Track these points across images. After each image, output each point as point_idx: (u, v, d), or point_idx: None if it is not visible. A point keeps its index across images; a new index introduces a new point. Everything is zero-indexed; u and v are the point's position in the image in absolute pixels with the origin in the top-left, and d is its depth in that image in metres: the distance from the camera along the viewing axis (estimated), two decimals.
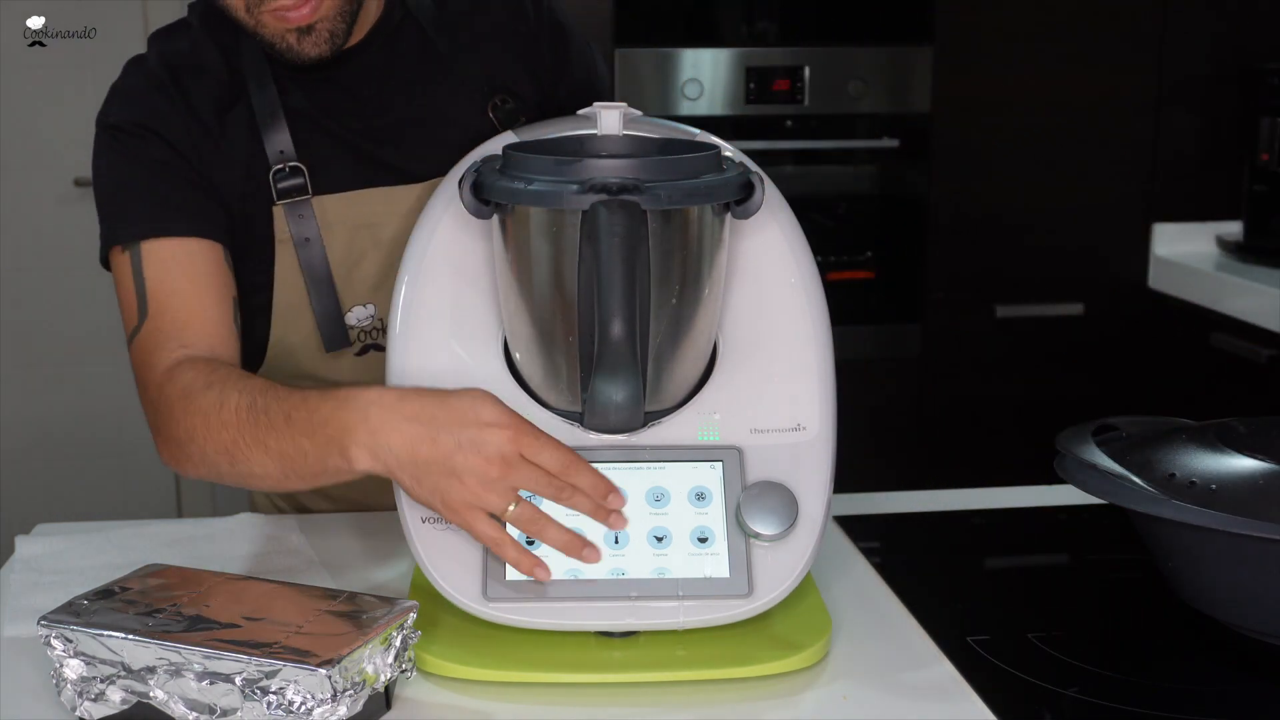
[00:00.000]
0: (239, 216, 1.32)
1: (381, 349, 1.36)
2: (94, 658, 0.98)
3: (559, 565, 1.06)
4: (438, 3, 1.40)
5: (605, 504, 1.06)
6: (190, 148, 1.31)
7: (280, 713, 0.94)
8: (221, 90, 1.32)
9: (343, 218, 1.33)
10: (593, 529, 1.07)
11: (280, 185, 1.31)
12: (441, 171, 1.23)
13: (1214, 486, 1.11)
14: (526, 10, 1.42)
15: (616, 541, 1.07)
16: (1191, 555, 1.16)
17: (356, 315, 1.36)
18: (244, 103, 1.32)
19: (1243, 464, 1.13)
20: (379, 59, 1.35)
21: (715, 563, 1.07)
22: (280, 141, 1.32)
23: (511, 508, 1.03)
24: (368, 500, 1.45)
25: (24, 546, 1.33)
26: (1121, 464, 1.16)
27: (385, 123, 1.35)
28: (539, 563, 1.05)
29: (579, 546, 1.05)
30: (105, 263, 1.36)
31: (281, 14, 1.23)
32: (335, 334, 1.35)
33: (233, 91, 1.32)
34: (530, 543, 1.06)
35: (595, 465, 1.09)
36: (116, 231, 1.33)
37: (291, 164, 1.31)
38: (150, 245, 1.29)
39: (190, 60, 1.34)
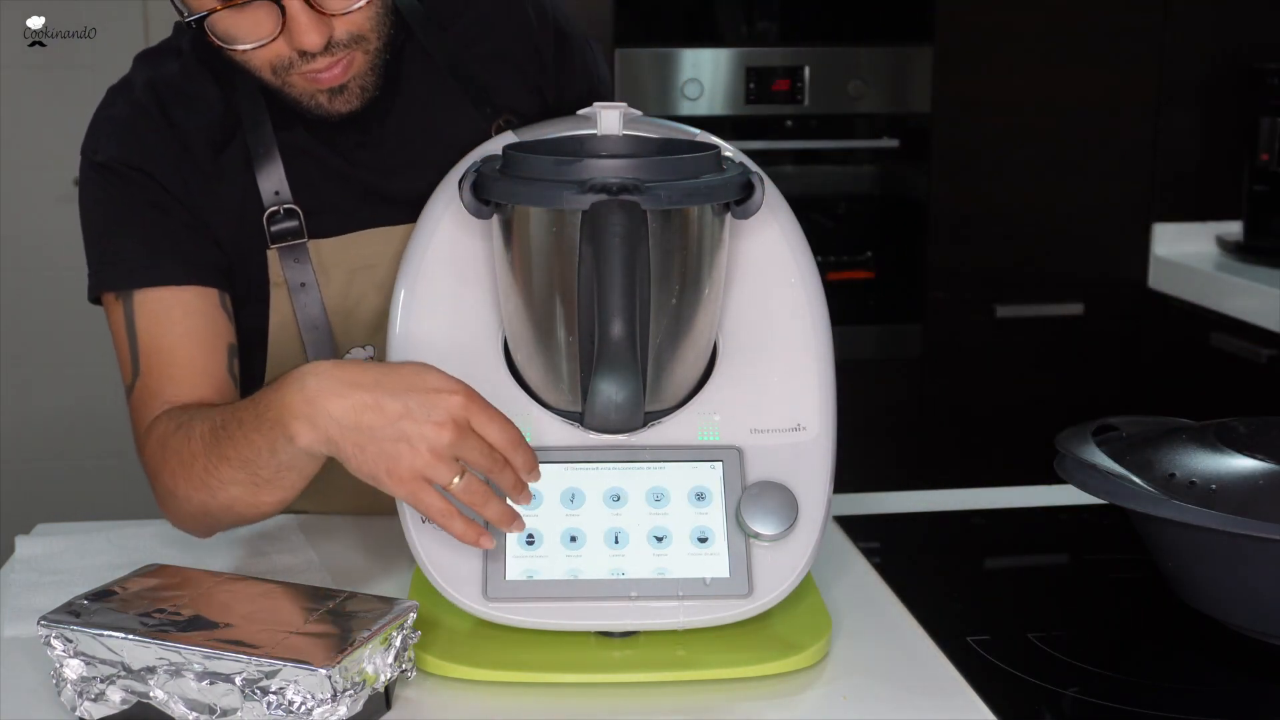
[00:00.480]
0: (233, 258, 1.27)
1: None
2: (94, 658, 0.98)
3: (559, 566, 1.06)
4: (441, 26, 1.35)
5: (523, 479, 1.05)
6: (182, 187, 1.25)
7: (280, 713, 0.94)
8: (214, 124, 1.26)
9: (340, 261, 1.29)
10: (592, 530, 1.07)
11: (274, 229, 1.26)
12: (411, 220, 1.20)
13: (1214, 486, 1.11)
14: (530, 24, 1.38)
15: (617, 541, 1.07)
16: (1191, 555, 1.16)
17: (355, 355, 1.32)
18: (238, 138, 1.27)
19: (1243, 464, 1.13)
20: (382, 88, 1.26)
21: (715, 563, 1.07)
22: (275, 181, 1.26)
23: (456, 480, 1.01)
24: (366, 505, 1.44)
25: (24, 546, 1.33)
26: (1121, 464, 1.16)
27: (387, 153, 1.31)
28: (484, 531, 1.04)
29: (510, 518, 1.05)
30: (96, 300, 1.31)
31: (313, 76, 1.18)
32: None
33: (226, 125, 1.27)
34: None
35: (595, 465, 1.09)
36: (106, 278, 1.27)
37: (286, 206, 1.26)
38: (142, 295, 1.24)
39: (181, 89, 1.27)
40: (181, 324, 1.24)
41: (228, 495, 1.11)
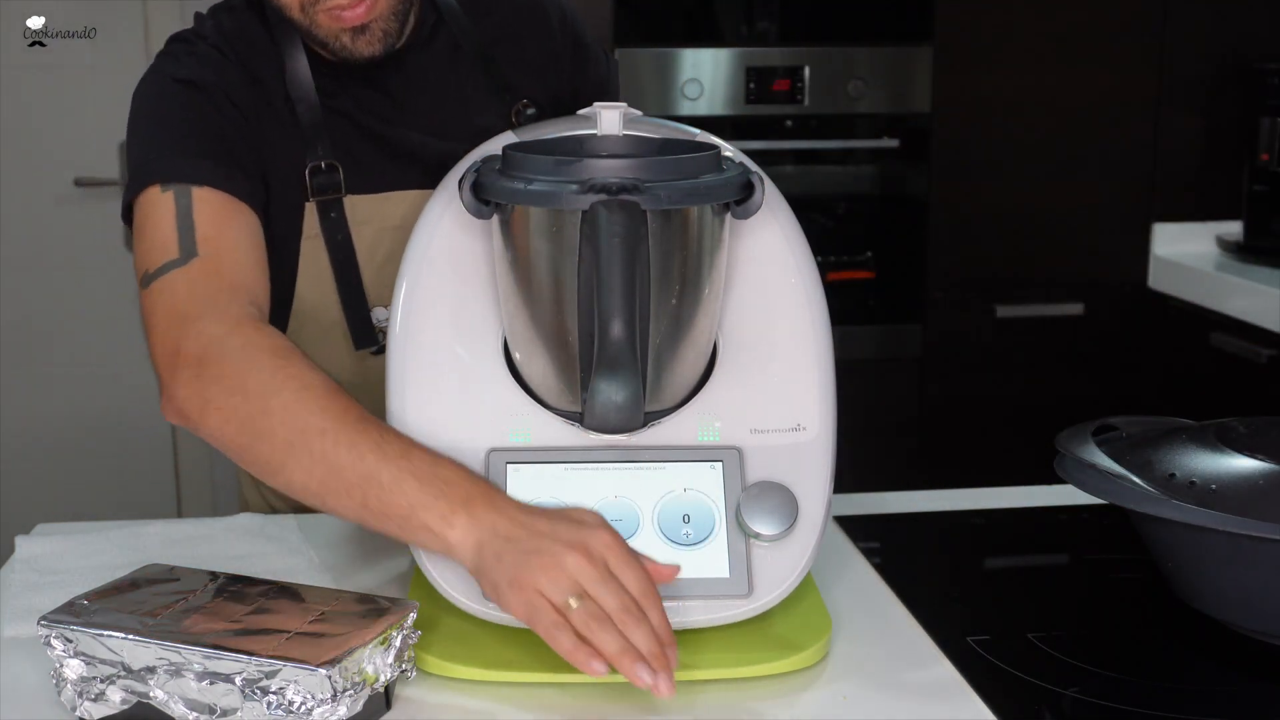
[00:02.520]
0: (272, 205, 1.30)
1: None
2: (94, 658, 0.98)
3: None
4: (468, 13, 1.41)
5: (661, 653, 0.96)
6: (253, 121, 1.30)
7: (280, 713, 0.94)
8: (273, 75, 1.33)
9: (372, 218, 1.35)
10: None
11: (315, 181, 1.32)
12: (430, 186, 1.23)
13: (1214, 486, 1.11)
14: (553, 31, 1.45)
15: None
16: (1191, 555, 1.16)
17: (379, 315, 1.37)
18: (286, 96, 1.33)
19: (1243, 464, 1.13)
20: (415, 63, 1.37)
21: (715, 563, 1.07)
22: (318, 138, 1.32)
23: (574, 600, 0.96)
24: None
25: (24, 546, 1.33)
26: (1121, 464, 1.16)
27: (419, 125, 1.37)
28: (596, 655, 0.96)
29: (632, 659, 0.95)
30: (128, 210, 1.26)
31: (336, 13, 1.25)
32: (364, 333, 1.36)
33: (279, 80, 1.33)
34: None
35: (595, 466, 1.09)
36: (169, 171, 1.22)
37: (328, 161, 1.32)
38: (208, 194, 1.21)
39: (243, 35, 1.34)
40: (245, 232, 1.23)
41: (293, 461, 1.05)
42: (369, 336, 1.36)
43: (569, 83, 1.46)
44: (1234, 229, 2.89)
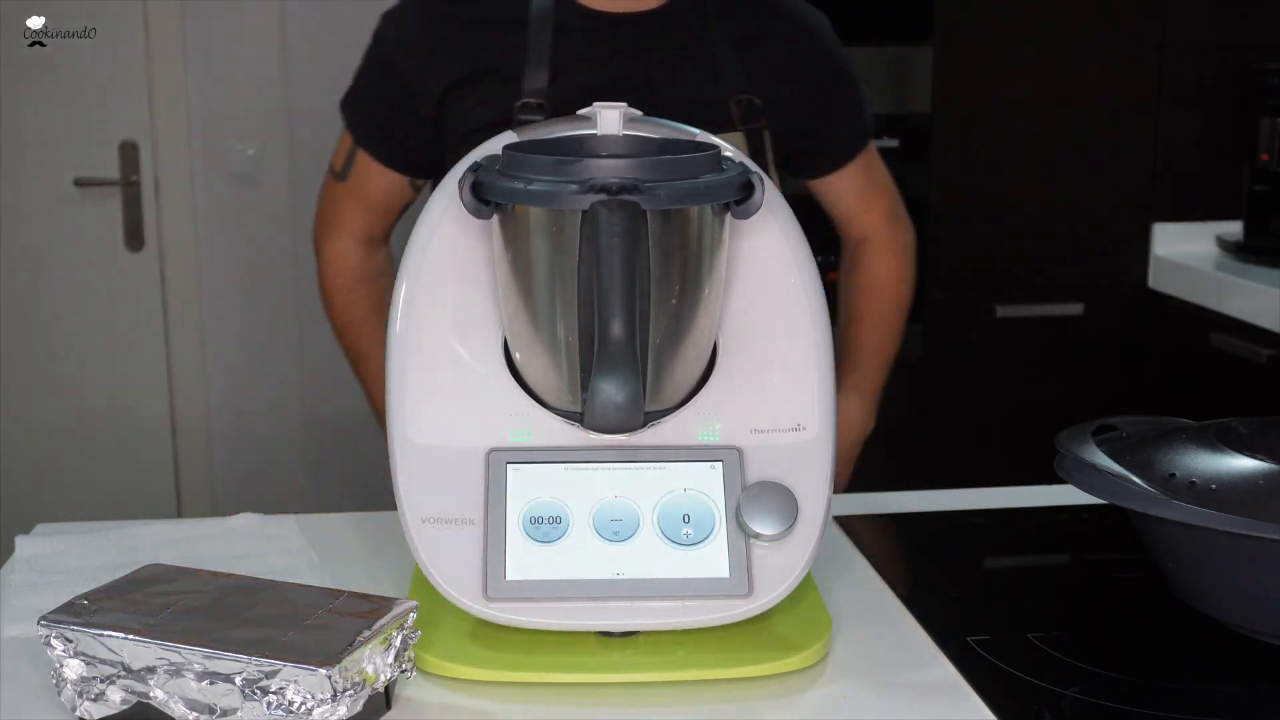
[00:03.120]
0: (463, 134, 1.47)
1: None
2: (94, 658, 0.98)
3: (559, 566, 1.06)
4: (729, 14, 1.51)
5: None
6: (469, 64, 1.48)
7: (280, 713, 0.94)
8: (516, 19, 1.47)
9: None
10: (592, 536, 1.07)
11: (521, 117, 1.44)
12: None
13: (1214, 486, 1.11)
14: (804, 39, 1.54)
15: (617, 541, 1.07)
16: (1191, 555, 1.16)
17: None
18: (518, 31, 1.46)
19: (1243, 464, 1.13)
20: (658, 30, 1.48)
21: (715, 563, 1.07)
22: (537, 79, 1.45)
23: None
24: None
25: (24, 546, 1.33)
26: (1121, 464, 1.16)
27: (638, 84, 1.46)
28: None
29: None
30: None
31: None
32: None
33: (519, 21, 1.47)
34: (543, 540, 1.06)
35: (595, 465, 1.09)
36: (349, 117, 1.62)
37: (538, 101, 1.44)
38: (364, 153, 1.58)
39: None
40: (381, 184, 1.59)
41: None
42: None
43: (807, 94, 1.53)
44: (1234, 229, 2.89)
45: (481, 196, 1.06)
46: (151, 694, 0.97)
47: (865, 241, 1.74)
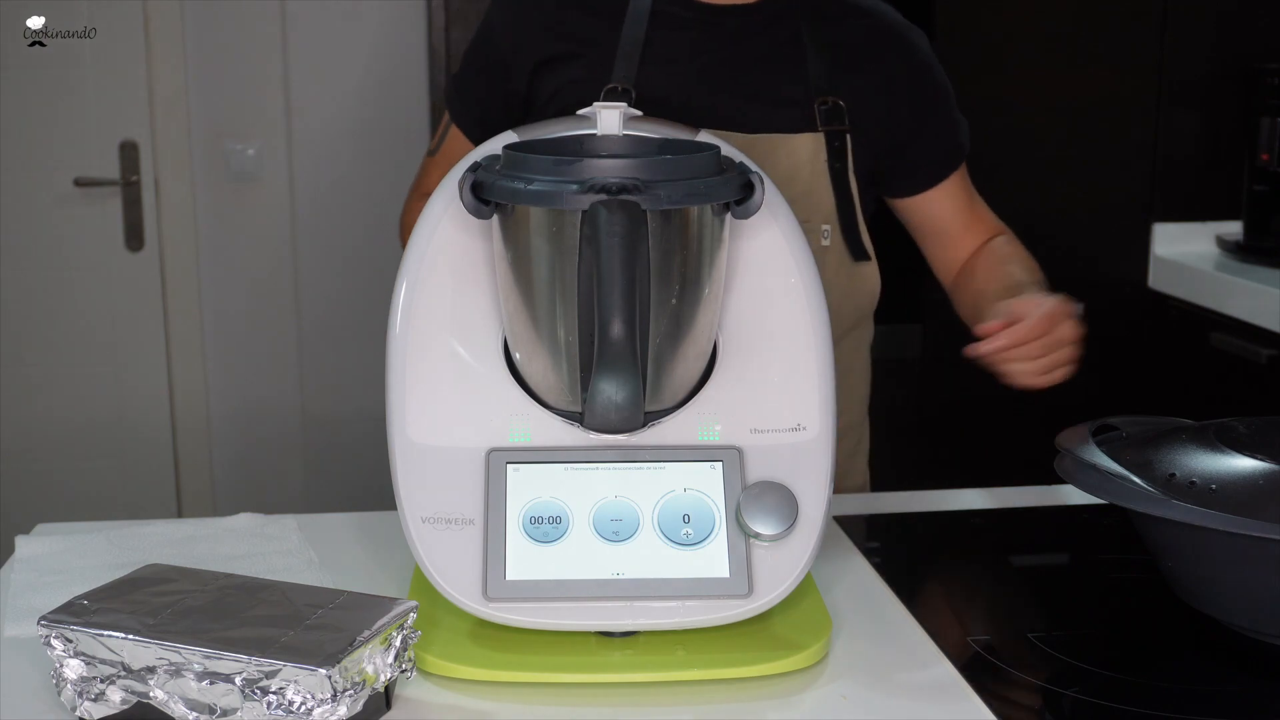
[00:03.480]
0: (552, 115, 1.44)
1: None
2: (94, 658, 0.98)
3: (559, 566, 1.06)
4: (823, 16, 1.52)
5: None
6: (561, 42, 1.49)
7: (280, 713, 0.94)
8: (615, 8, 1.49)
9: None
10: (592, 536, 1.07)
11: (607, 98, 1.44)
12: (748, 131, 1.45)
13: (1214, 486, 1.11)
14: (903, 60, 1.56)
15: (617, 541, 1.07)
16: (1191, 555, 1.16)
17: None
18: (615, 17, 1.48)
19: (1243, 464, 1.13)
20: (755, 27, 1.49)
21: (715, 563, 1.07)
22: (626, 69, 1.46)
23: None
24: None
25: (24, 546, 1.33)
26: (1121, 464, 1.16)
27: (724, 78, 1.47)
28: None
29: None
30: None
31: None
32: None
33: (618, 5, 1.49)
34: (543, 540, 1.06)
35: (595, 465, 1.09)
36: (450, 96, 1.62)
37: (624, 85, 1.46)
38: (455, 129, 1.58)
39: None
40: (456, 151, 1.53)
41: None
42: None
43: (900, 114, 1.54)
44: (1234, 229, 2.88)
45: (481, 196, 1.06)
46: (151, 694, 0.97)
47: (974, 253, 1.73)
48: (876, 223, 3.08)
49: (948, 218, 1.70)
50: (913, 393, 2.92)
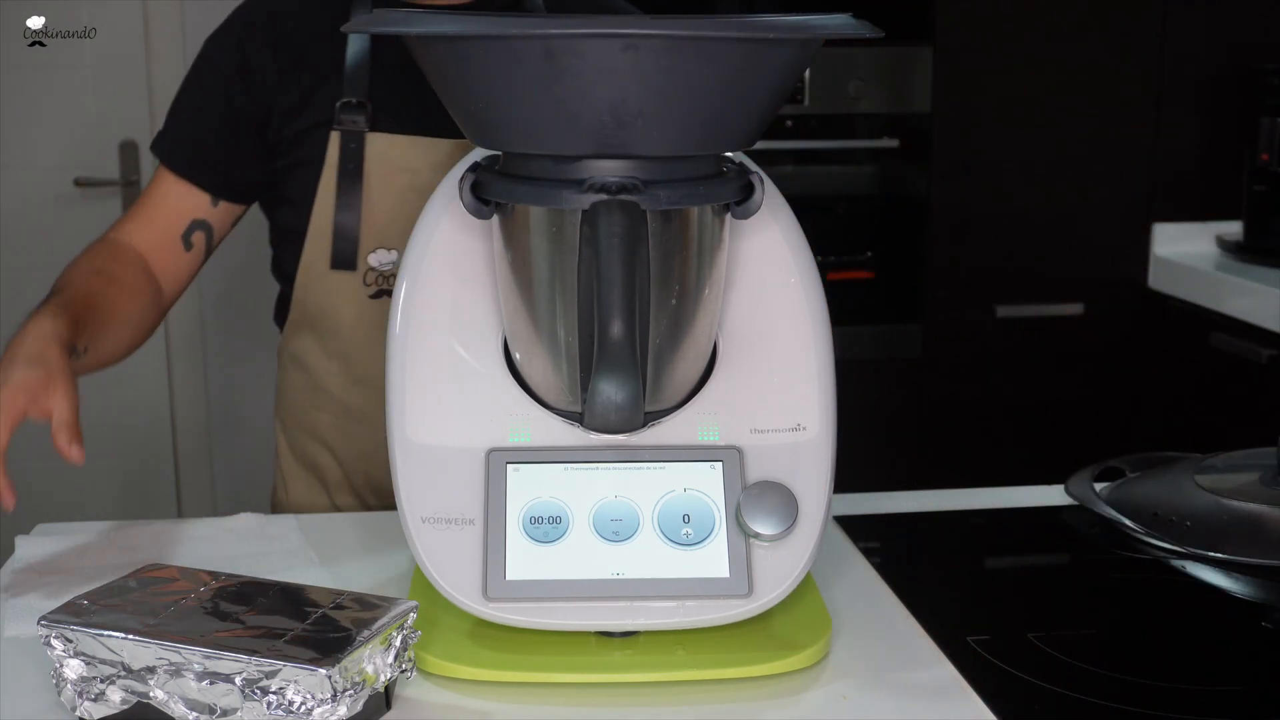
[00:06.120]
0: (292, 135, 1.48)
1: None
2: (94, 658, 0.98)
3: (559, 566, 1.06)
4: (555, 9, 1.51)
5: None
6: (289, 64, 1.47)
7: (280, 713, 0.94)
8: (332, 12, 1.46)
9: (388, 157, 1.46)
10: (592, 536, 1.07)
11: (343, 115, 1.46)
12: None
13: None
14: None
15: (617, 541, 1.07)
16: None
17: (379, 258, 1.47)
18: (340, 36, 1.45)
19: None
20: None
21: (715, 563, 1.07)
22: (358, 77, 1.46)
23: None
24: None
25: (24, 546, 1.33)
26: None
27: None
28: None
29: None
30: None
31: None
32: (345, 251, 1.46)
33: (340, 16, 1.44)
34: (543, 540, 1.06)
35: (595, 465, 1.09)
36: (160, 140, 1.59)
37: (359, 99, 1.45)
38: (164, 170, 1.55)
39: None
40: (162, 190, 1.55)
41: None
42: (349, 258, 1.46)
43: None
44: (1234, 229, 2.88)
45: (481, 196, 1.06)
46: (151, 694, 0.97)
47: None
48: (875, 221, 3.08)
49: None
50: (913, 393, 2.92)
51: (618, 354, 1.02)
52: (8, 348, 1.27)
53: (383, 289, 1.50)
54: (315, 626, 0.98)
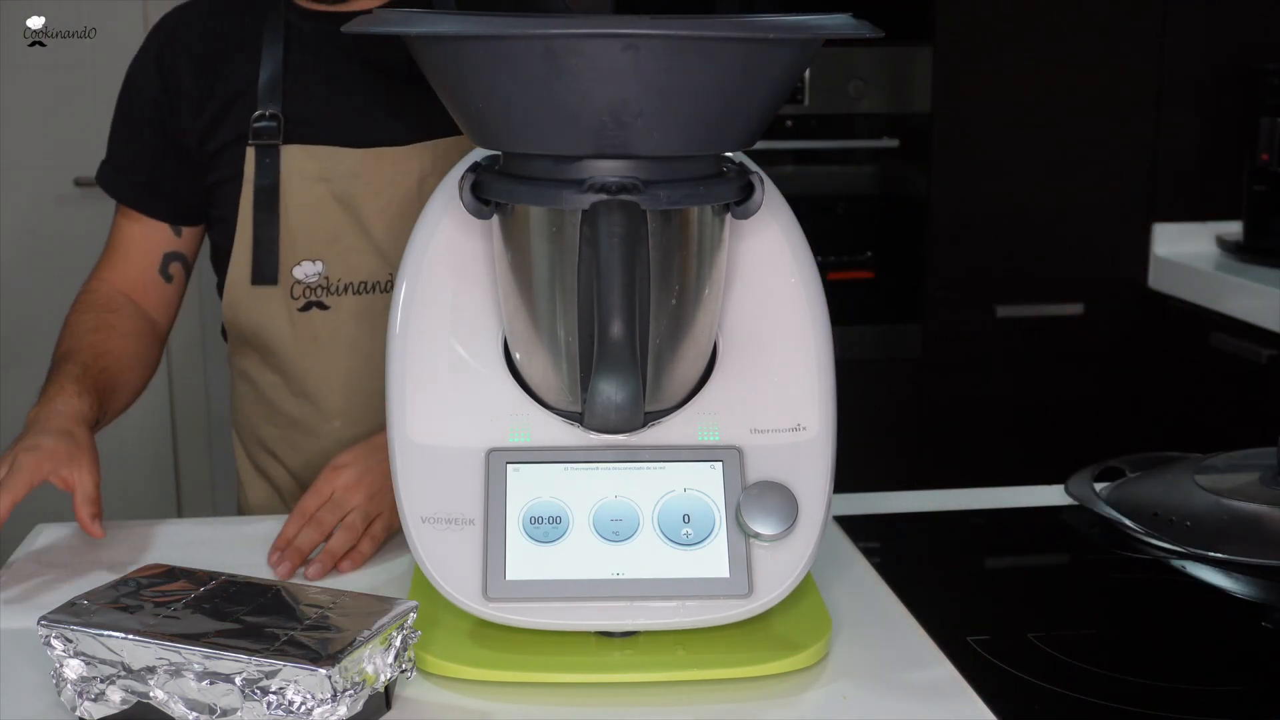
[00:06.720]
0: (213, 151, 1.47)
1: (325, 308, 1.47)
2: (94, 658, 0.98)
3: (559, 566, 1.06)
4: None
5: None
6: (205, 81, 1.47)
7: (280, 713, 0.94)
8: (244, 28, 1.46)
9: (304, 169, 1.44)
10: (592, 536, 1.07)
11: (256, 127, 1.44)
12: (403, 142, 1.44)
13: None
14: None
15: (617, 541, 1.07)
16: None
17: (305, 270, 1.45)
18: (255, 46, 1.46)
19: None
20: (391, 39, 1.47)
21: (715, 563, 1.07)
22: (272, 90, 1.44)
23: None
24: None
25: (25, 546, 1.33)
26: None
27: (373, 89, 1.46)
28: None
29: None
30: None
31: None
32: (266, 265, 1.45)
33: (252, 30, 1.46)
34: (543, 540, 1.06)
35: (595, 465, 1.09)
36: (105, 174, 1.58)
37: (272, 111, 1.44)
38: (123, 208, 1.56)
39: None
40: (127, 231, 1.57)
41: None
42: (270, 272, 1.45)
43: None
44: (1234, 229, 2.89)
45: (481, 196, 1.06)
46: (151, 694, 0.97)
47: None
48: (875, 221, 3.08)
49: None
50: (913, 393, 2.92)
51: (618, 354, 1.02)
52: (34, 420, 1.31)
53: (312, 301, 1.47)
54: (315, 626, 0.98)
